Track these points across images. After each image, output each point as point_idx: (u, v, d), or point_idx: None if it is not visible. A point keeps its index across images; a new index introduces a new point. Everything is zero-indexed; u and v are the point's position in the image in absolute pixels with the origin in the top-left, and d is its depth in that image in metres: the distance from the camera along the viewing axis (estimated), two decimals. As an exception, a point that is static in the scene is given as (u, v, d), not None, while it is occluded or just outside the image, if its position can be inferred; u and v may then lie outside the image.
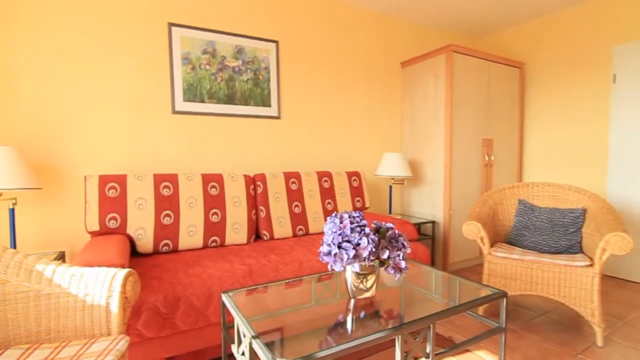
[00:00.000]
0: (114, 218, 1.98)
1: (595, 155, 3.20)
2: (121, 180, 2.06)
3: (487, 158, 3.39)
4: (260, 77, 2.78)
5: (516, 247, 2.29)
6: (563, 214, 2.25)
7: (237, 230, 2.28)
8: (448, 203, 3.11)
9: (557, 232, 2.23)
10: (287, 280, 1.64)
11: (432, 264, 3.24)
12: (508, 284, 2.13)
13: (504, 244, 2.34)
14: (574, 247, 2.17)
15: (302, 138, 3.01)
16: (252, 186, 2.45)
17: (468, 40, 4.10)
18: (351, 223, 1.27)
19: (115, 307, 1.20)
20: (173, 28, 2.44)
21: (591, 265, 1.90)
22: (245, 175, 2.44)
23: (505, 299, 1.42)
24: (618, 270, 3.07)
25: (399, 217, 3.19)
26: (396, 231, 1.32)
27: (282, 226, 2.45)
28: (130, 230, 2.00)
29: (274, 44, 2.82)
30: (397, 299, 1.45)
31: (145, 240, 2.02)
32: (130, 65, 2.33)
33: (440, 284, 1.66)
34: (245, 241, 2.32)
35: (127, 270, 1.25)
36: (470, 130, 3.24)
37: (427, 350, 1.22)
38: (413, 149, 3.45)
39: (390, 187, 3.22)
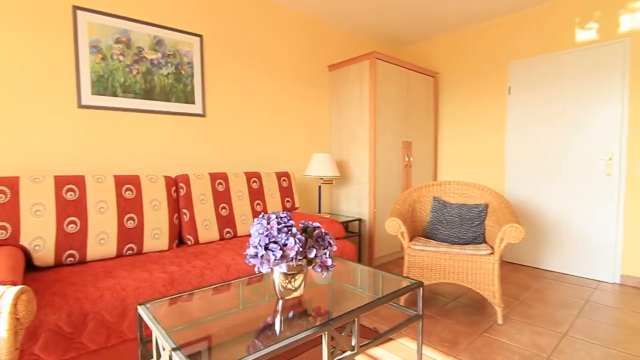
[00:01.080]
0: (3, 227, 1.70)
1: (496, 156, 3.66)
2: (12, 183, 1.77)
3: (407, 159, 3.65)
4: (183, 72, 2.62)
5: (432, 240, 2.51)
6: (470, 209, 2.53)
7: (157, 236, 2.12)
8: (373, 201, 3.28)
9: (465, 225, 2.50)
10: (213, 286, 1.57)
11: (359, 260, 3.39)
12: (425, 274, 2.33)
13: (421, 238, 2.55)
14: (479, 238, 2.45)
15: (230, 137, 2.91)
16: (173, 188, 2.30)
17: (391, 49, 4.38)
18: (278, 224, 1.27)
19: (3, 330, 1.03)
20: (79, 12, 2.18)
21: (492, 253, 2.17)
22: (166, 177, 2.28)
23: (421, 289, 1.55)
24: (514, 256, 3.55)
25: (328, 216, 3.28)
26: (323, 230, 1.35)
27: (207, 230, 2.35)
28: (24, 241, 1.73)
29: (197, 38, 2.68)
30: (326, 296, 1.48)
31: (45, 252, 1.77)
32: (26, 48, 2.02)
33: (365, 279, 1.75)
34: (166, 247, 2.16)
35: (18, 287, 1.08)
36: (392, 133, 3.46)
37: (353, 344, 1.27)
38: (341, 150, 3.57)
39: (320, 187, 3.29)
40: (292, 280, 1.37)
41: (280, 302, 1.38)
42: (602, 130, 2.98)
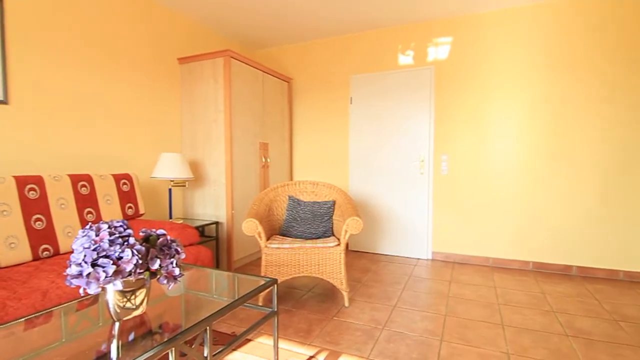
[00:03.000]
0: None
1: (342, 158, 4.10)
2: None
3: (264, 160, 3.71)
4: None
5: (287, 238, 2.62)
6: (320, 206, 2.76)
7: None
8: (230, 203, 3.21)
9: (317, 221, 2.71)
10: (21, 320, 1.24)
11: (218, 265, 3.26)
12: (282, 270, 2.41)
13: (278, 236, 2.63)
14: (328, 232, 2.69)
15: (50, 132, 2.35)
16: (-45, 198, 1.71)
17: (248, 50, 4.37)
18: (111, 234, 1.09)
19: None
20: None
21: (338, 244, 2.42)
22: (-60, 183, 1.68)
23: (275, 286, 1.60)
24: (358, 245, 4.05)
25: (181, 221, 3.03)
26: (168, 237, 1.23)
27: (13, 249, 1.84)
28: None
29: (-8, 3, 2.07)
30: (177, 309, 1.36)
31: None
32: None
33: (222, 284, 1.69)
34: (-58, 278, 1.59)
35: None
36: (248, 134, 3.46)
37: (205, 354, 1.20)
38: (195, 150, 3.35)
39: (170, 190, 3.01)
40: (133, 297, 1.20)
41: (117, 324, 1.19)
42: (417, 137, 3.70)
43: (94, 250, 1.04)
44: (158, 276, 1.21)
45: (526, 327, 2.17)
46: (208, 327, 1.20)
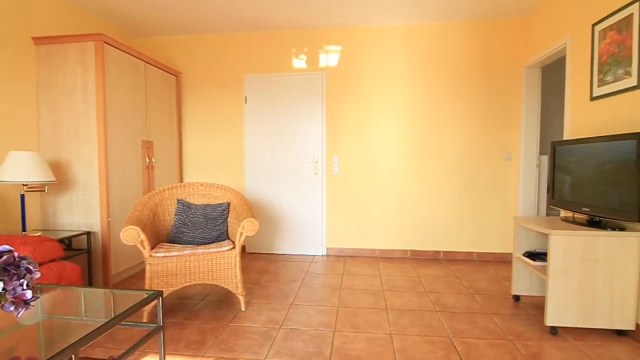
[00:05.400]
0: None
1: (237, 158, 3.99)
2: None
3: (148, 160, 3.36)
4: None
5: (176, 244, 2.43)
6: (214, 209, 2.63)
7: None
8: (106, 209, 2.81)
9: (210, 224, 2.57)
10: None
11: (90, 282, 2.82)
12: (171, 280, 2.22)
13: (165, 244, 2.41)
14: (222, 235, 2.59)
15: None
16: None
17: (126, 36, 3.88)
18: None
19: None
20: None
21: (233, 247, 2.34)
22: None
23: (160, 298, 1.45)
24: (256, 247, 3.99)
25: (38, 233, 2.52)
26: (16, 254, 1.01)
27: None
28: None
29: None
30: (34, 339, 1.12)
31: None
32: None
33: (94, 303, 1.46)
34: None
35: None
36: (128, 131, 3.08)
37: (70, 388, 1.02)
38: (57, 148, 2.83)
39: (23, 196, 2.47)
40: (-39, 333, 0.94)
41: (-64, 371, 0.92)
42: (311, 138, 3.84)
43: None
44: (2, 302, 0.98)
45: (406, 309, 2.46)
46: (74, 355, 1.02)
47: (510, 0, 3.15)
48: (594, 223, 2.15)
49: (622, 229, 2.00)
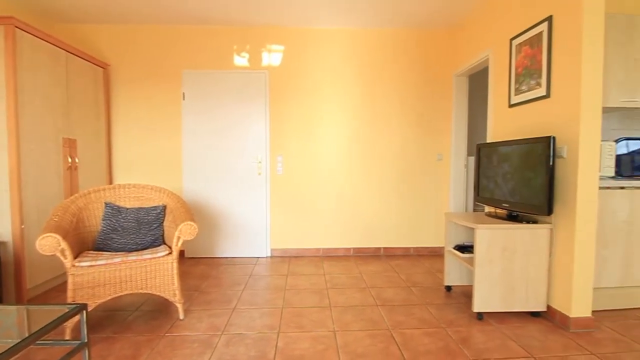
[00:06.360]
0: None
1: (174, 158, 3.77)
2: None
3: (70, 160, 3.04)
4: None
5: (104, 252, 2.22)
6: (147, 212, 2.46)
7: None
8: (18, 216, 2.48)
9: (143, 229, 2.40)
10: None
11: (0, 298, 2.47)
12: (98, 292, 2.03)
13: (91, 252, 2.20)
14: (158, 241, 2.43)
15: None
16: None
17: (45, 22, 3.46)
18: None
19: None
20: None
21: (170, 253, 2.21)
22: None
23: (84, 312, 1.32)
24: (195, 251, 3.81)
25: None
26: None
27: None
28: None
29: None
30: None
31: None
32: None
33: (4, 322, 1.28)
34: None
35: None
36: (46, 128, 2.76)
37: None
38: (-46, 146, 2.44)
39: None
40: None
41: None
42: (254, 138, 3.77)
43: None
44: None
45: (349, 305, 2.52)
46: (-27, 386, 0.88)
47: (442, 13, 3.39)
48: (512, 217, 2.40)
49: (535, 222, 2.26)
